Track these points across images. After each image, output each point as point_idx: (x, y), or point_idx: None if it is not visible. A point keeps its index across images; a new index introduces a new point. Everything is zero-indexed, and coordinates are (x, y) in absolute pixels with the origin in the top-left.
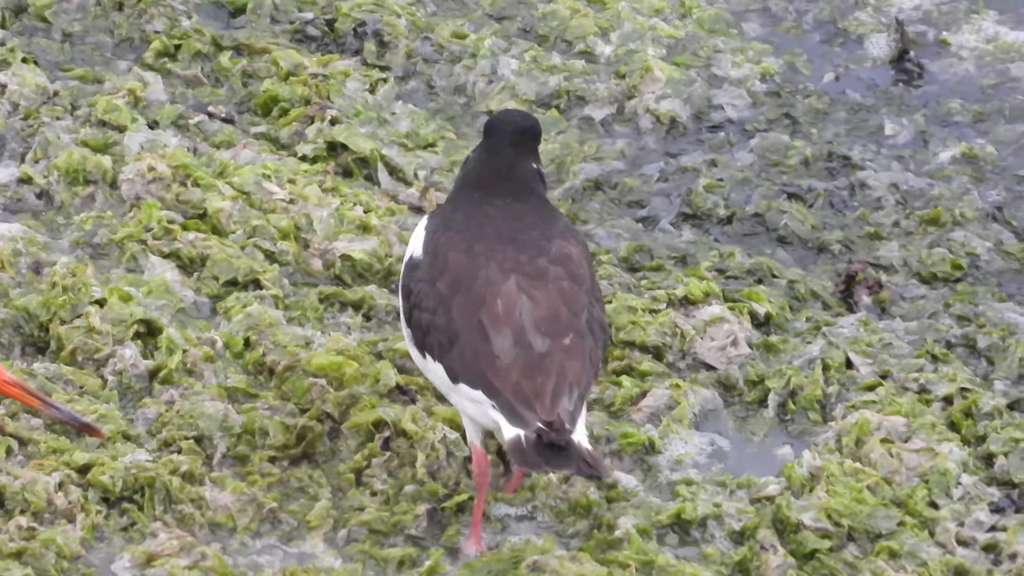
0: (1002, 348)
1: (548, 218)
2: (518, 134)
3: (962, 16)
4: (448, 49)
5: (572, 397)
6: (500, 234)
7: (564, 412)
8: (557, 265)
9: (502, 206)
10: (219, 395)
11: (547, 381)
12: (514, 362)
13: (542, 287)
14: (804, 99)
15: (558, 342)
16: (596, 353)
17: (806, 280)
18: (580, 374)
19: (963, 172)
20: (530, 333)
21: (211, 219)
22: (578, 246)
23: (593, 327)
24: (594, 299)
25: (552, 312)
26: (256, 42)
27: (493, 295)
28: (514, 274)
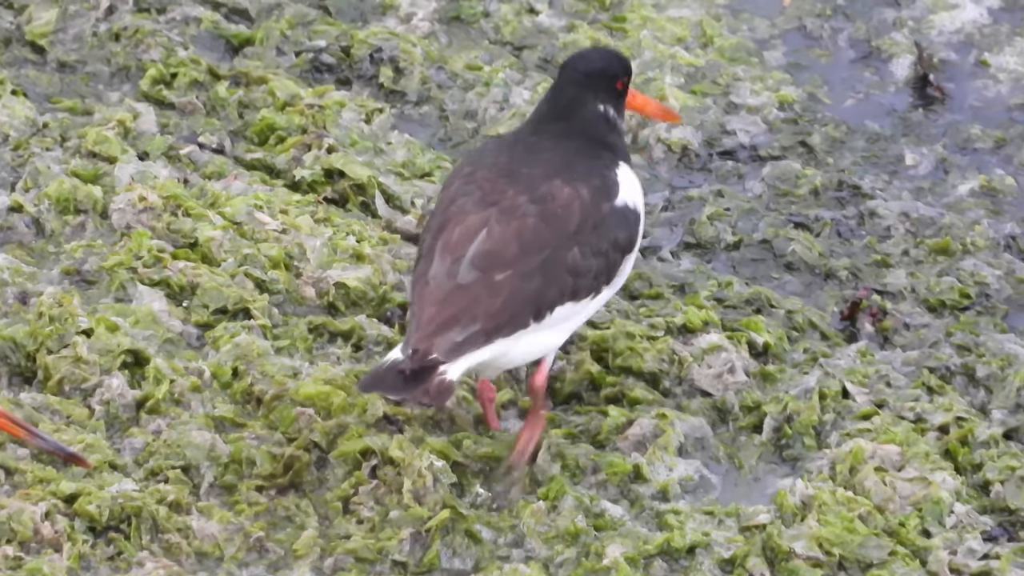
0: (1000, 378)
1: (574, 160)
2: (584, 73)
3: (1004, 38)
4: (462, 77)
5: (468, 330)
6: (504, 168)
7: (444, 342)
8: (535, 203)
9: (534, 143)
10: (206, 425)
11: (443, 311)
12: (435, 289)
13: (505, 222)
14: (822, 127)
15: (488, 276)
16: (544, 294)
17: (804, 310)
18: (496, 310)
19: (981, 205)
20: (464, 264)
21: (202, 248)
22: (584, 187)
23: (552, 269)
24: (581, 244)
25: (499, 247)
26: (253, 72)
27: (455, 223)
28: (490, 207)
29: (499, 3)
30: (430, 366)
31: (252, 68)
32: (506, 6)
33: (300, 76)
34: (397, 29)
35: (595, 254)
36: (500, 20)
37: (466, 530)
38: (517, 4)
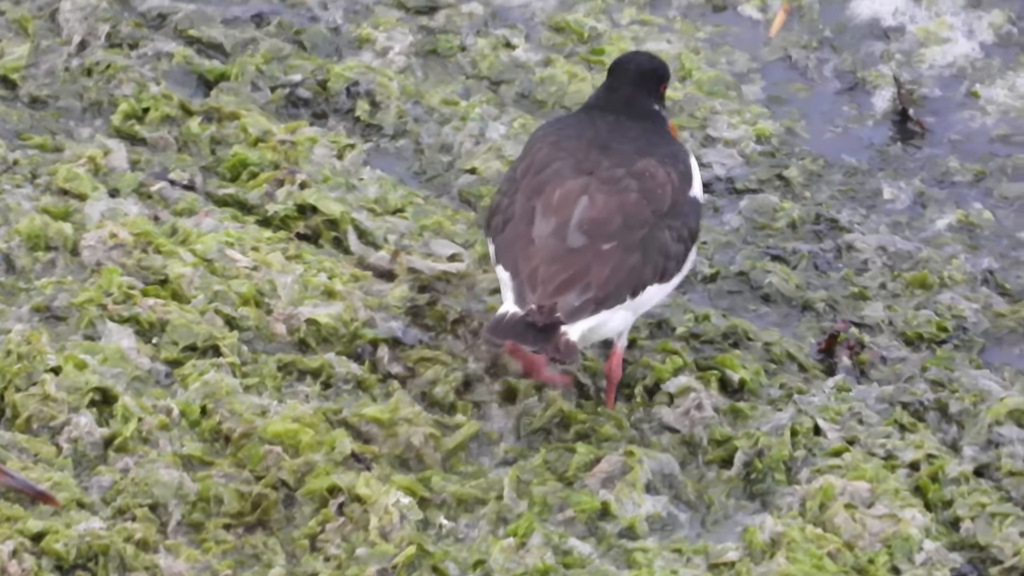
0: (973, 414)
1: (654, 139)
2: (639, 74)
3: (996, 72)
4: (439, 111)
5: (583, 296)
6: (594, 140)
7: (564, 303)
8: (633, 178)
9: (613, 121)
10: (174, 463)
11: (561, 273)
12: (543, 248)
13: (607, 192)
14: (799, 161)
15: (596, 244)
16: (642, 272)
17: (783, 342)
18: (604, 280)
19: (959, 240)
20: (572, 228)
21: (172, 285)
22: (673, 172)
23: (649, 247)
24: (670, 227)
25: (605, 216)
26: (225, 107)
27: (554, 186)
28: (587, 175)
29: (476, 37)
30: (555, 324)
31: (224, 104)
32: (483, 40)
33: (276, 111)
34: (373, 63)
35: (679, 239)
36: (477, 54)
37: (433, 566)
38: (494, 38)
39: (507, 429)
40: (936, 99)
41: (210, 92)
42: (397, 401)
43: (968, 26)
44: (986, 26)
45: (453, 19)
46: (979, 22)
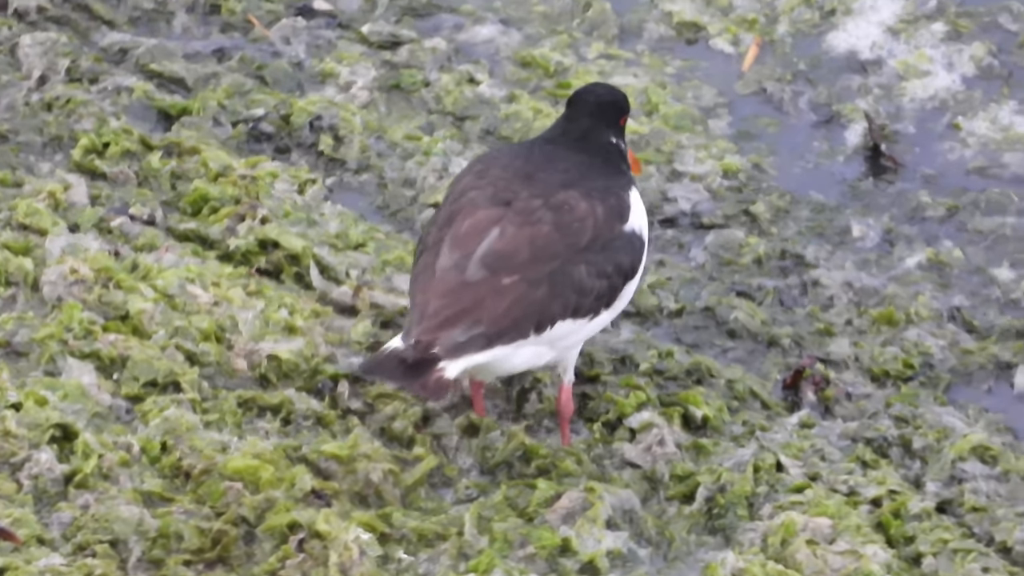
0: (936, 450)
1: (591, 172)
2: (597, 104)
3: (978, 104)
4: (402, 146)
5: (471, 331)
6: (521, 170)
7: (447, 339)
8: (549, 210)
9: (551, 151)
10: (134, 499)
11: (450, 307)
12: (441, 281)
13: (518, 224)
14: (766, 196)
15: (496, 278)
16: (548, 307)
17: (746, 379)
18: (499, 315)
19: (928, 278)
20: (474, 261)
21: (132, 320)
22: (600, 205)
23: (559, 281)
24: (589, 262)
25: (511, 249)
26: (185, 142)
27: (465, 216)
28: (503, 206)
29: (439, 73)
30: (430, 360)
31: (185, 138)
32: (447, 76)
33: (237, 146)
34: (336, 98)
35: (600, 275)
36: (441, 90)
37: None
38: (457, 74)
39: (468, 464)
40: (915, 132)
41: (171, 127)
42: (356, 437)
43: (948, 59)
44: (967, 59)
45: (416, 54)
46: (959, 55)
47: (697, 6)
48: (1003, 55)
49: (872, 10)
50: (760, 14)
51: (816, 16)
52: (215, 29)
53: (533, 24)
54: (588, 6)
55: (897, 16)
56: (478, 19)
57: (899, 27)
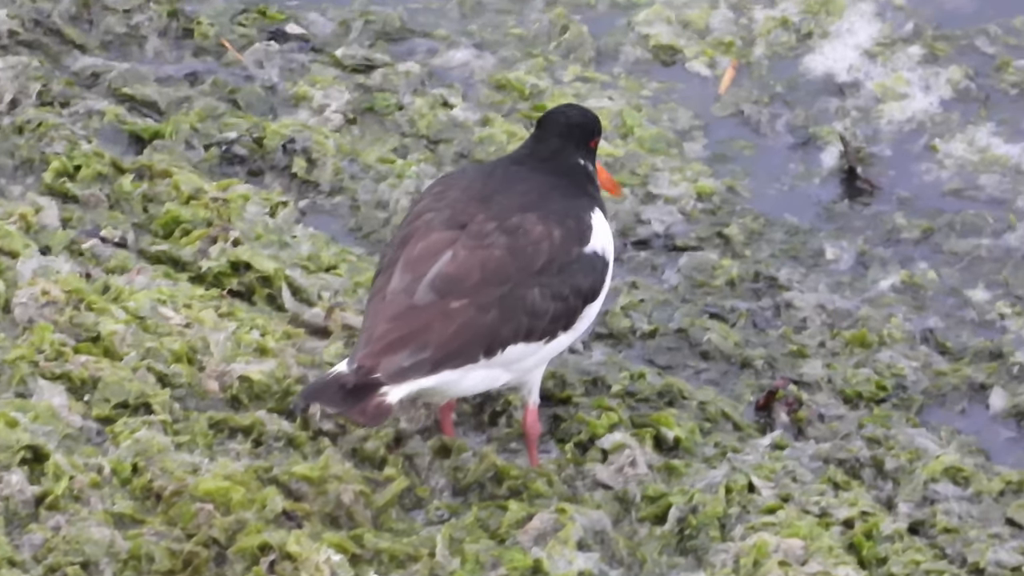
0: (909, 471)
1: (552, 194)
2: (566, 125)
3: (956, 126)
4: (375, 169)
5: (416, 356)
6: (480, 192)
7: (390, 364)
8: (503, 234)
9: (514, 172)
10: (106, 521)
11: (396, 331)
12: (389, 304)
13: (470, 248)
14: (740, 219)
15: (445, 302)
16: (498, 330)
17: (718, 400)
18: (446, 339)
19: (902, 300)
20: (424, 284)
21: (104, 342)
22: (557, 228)
23: (511, 305)
24: (544, 285)
25: (462, 272)
26: (157, 165)
27: (418, 239)
28: (458, 229)
29: (413, 96)
30: (372, 384)
31: (156, 161)
32: (420, 99)
33: (210, 169)
34: (310, 121)
35: (556, 297)
36: (415, 113)
37: None
38: (431, 97)
39: (440, 485)
40: (892, 154)
41: (143, 150)
42: (327, 458)
43: (925, 82)
44: (944, 82)
45: (390, 78)
46: (936, 78)
47: (674, 29)
48: (980, 78)
49: (849, 33)
50: (737, 37)
51: (793, 39)
52: (188, 53)
53: (508, 47)
54: (565, 29)
55: (874, 39)
56: (452, 43)
57: (876, 50)
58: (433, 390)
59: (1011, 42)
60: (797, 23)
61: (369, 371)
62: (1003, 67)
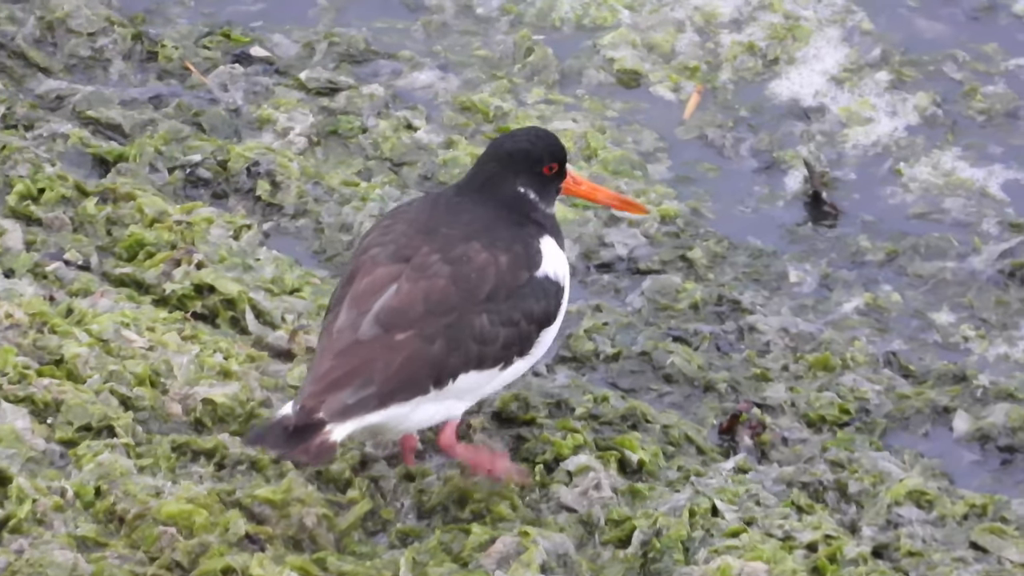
0: (872, 494)
1: (496, 225)
2: (506, 152)
3: (921, 150)
4: (339, 192)
5: (361, 392)
6: (424, 224)
7: (334, 402)
8: (447, 264)
9: (458, 203)
10: (69, 544)
11: (339, 368)
12: (335, 342)
13: (414, 280)
14: (704, 242)
15: (389, 335)
16: (445, 360)
17: (681, 424)
18: (392, 372)
19: (866, 323)
20: (368, 319)
21: (67, 365)
22: (503, 254)
23: (458, 333)
24: (491, 311)
25: (406, 304)
26: (121, 188)
27: (364, 273)
28: (403, 263)
29: (377, 119)
30: (315, 424)
31: (120, 184)
32: (384, 122)
33: (174, 192)
34: (274, 144)
35: (505, 323)
36: (378, 136)
37: None
38: (395, 120)
39: (404, 508)
40: (857, 178)
41: (106, 173)
42: (290, 481)
43: (892, 107)
44: (911, 108)
45: (354, 100)
46: (903, 104)
47: (639, 53)
48: (947, 104)
49: (815, 59)
50: (702, 61)
51: (759, 64)
52: (152, 76)
53: (473, 68)
54: (530, 51)
55: (841, 65)
56: (416, 64)
57: (843, 76)
58: (385, 425)
59: (979, 68)
60: (764, 48)
61: (311, 411)
62: (971, 93)
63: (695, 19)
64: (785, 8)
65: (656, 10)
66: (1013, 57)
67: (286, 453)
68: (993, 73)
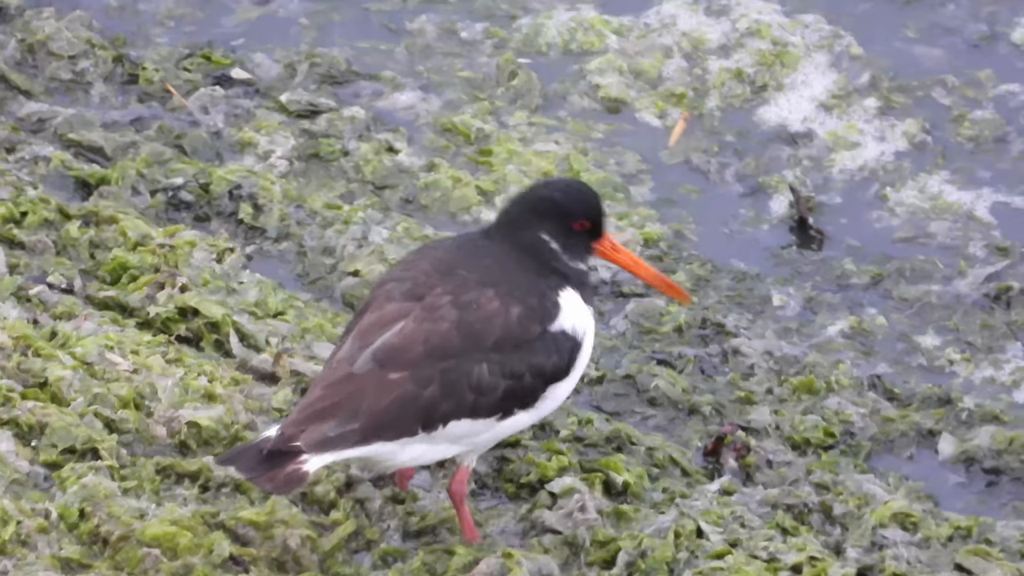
0: (857, 516)
1: (516, 273)
2: (536, 199)
3: (908, 174)
4: (321, 215)
5: (345, 426)
6: (446, 264)
7: (314, 432)
8: (456, 308)
9: (483, 246)
10: (52, 566)
11: (327, 399)
12: (331, 372)
13: (420, 320)
14: (687, 265)
15: (383, 373)
16: (436, 404)
17: (666, 446)
18: (380, 410)
19: (850, 346)
20: (366, 354)
21: (51, 388)
22: (516, 305)
23: (453, 380)
24: (494, 361)
25: (406, 344)
26: (103, 211)
27: (375, 307)
28: (414, 300)
29: (358, 142)
30: (291, 452)
31: (102, 207)
32: (365, 145)
33: (156, 215)
34: (255, 167)
35: (508, 375)
36: (360, 159)
37: None
38: (376, 143)
39: (391, 529)
40: (843, 203)
41: (89, 196)
42: (274, 503)
43: (881, 132)
44: (900, 134)
45: (335, 123)
46: (892, 130)
47: (625, 80)
48: (936, 130)
49: (804, 85)
50: (690, 88)
51: (747, 91)
52: (133, 98)
53: (455, 89)
54: (514, 74)
55: (829, 91)
56: (398, 85)
57: (831, 102)
58: (369, 460)
59: (969, 94)
60: (751, 75)
61: (290, 439)
62: (959, 119)
63: (683, 45)
64: (773, 35)
65: (644, 36)
66: (1004, 83)
67: (253, 477)
68: (983, 99)
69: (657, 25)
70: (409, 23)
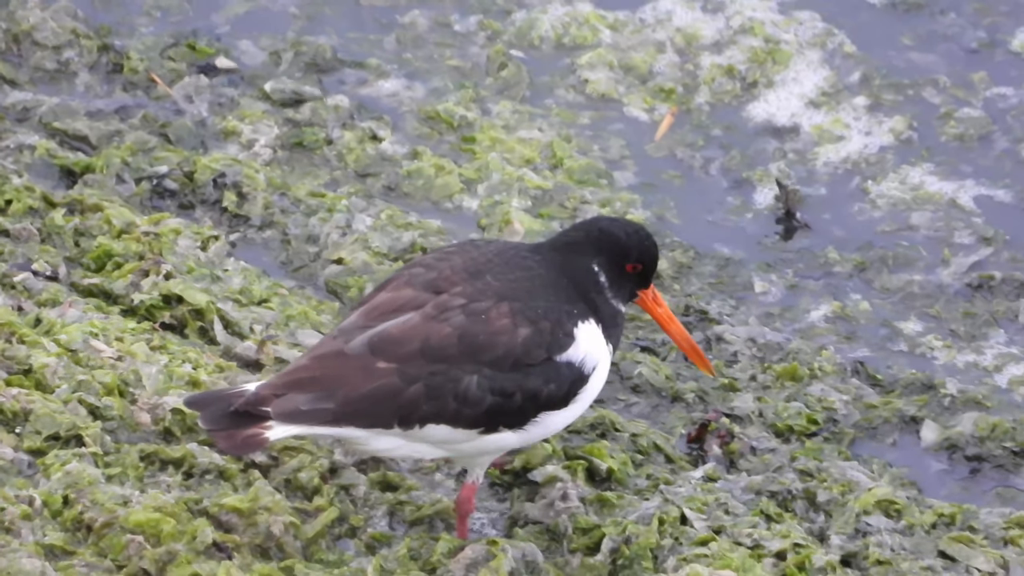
0: (841, 503)
1: (542, 294)
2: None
3: (890, 167)
4: (305, 203)
5: (319, 403)
6: (477, 266)
7: (286, 401)
8: (465, 315)
9: (523, 259)
10: (37, 552)
11: (309, 372)
12: (323, 344)
13: (427, 317)
14: (670, 252)
15: (373, 359)
16: (416, 404)
17: (650, 433)
18: (358, 396)
19: (833, 332)
20: (363, 336)
21: (36, 375)
22: (527, 327)
23: (439, 385)
24: (485, 376)
25: (404, 337)
26: (88, 199)
27: (391, 290)
28: (432, 292)
29: (342, 130)
30: (257, 416)
31: (87, 196)
32: (349, 133)
33: (140, 203)
34: (240, 156)
35: (497, 392)
36: (343, 147)
37: None
38: (360, 131)
39: (375, 516)
40: (826, 194)
41: (74, 184)
42: (257, 490)
43: (868, 128)
44: (886, 130)
45: (319, 112)
46: (879, 126)
47: (615, 75)
48: (923, 127)
49: (795, 82)
50: (679, 83)
51: (738, 87)
52: (118, 87)
53: (441, 77)
54: (503, 66)
55: (820, 88)
56: (382, 73)
57: (820, 99)
58: (342, 441)
59: (960, 95)
60: (743, 71)
61: (261, 401)
62: (946, 117)
63: (676, 41)
64: (766, 32)
65: (638, 31)
66: (997, 86)
67: (212, 430)
68: (973, 100)
69: (652, 21)
70: (400, 17)
